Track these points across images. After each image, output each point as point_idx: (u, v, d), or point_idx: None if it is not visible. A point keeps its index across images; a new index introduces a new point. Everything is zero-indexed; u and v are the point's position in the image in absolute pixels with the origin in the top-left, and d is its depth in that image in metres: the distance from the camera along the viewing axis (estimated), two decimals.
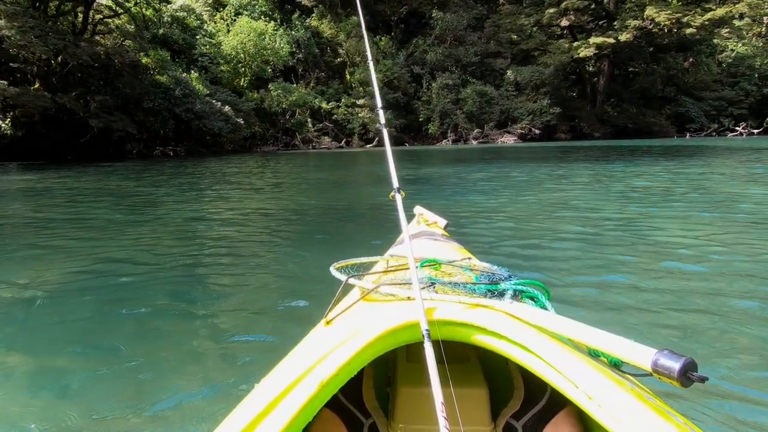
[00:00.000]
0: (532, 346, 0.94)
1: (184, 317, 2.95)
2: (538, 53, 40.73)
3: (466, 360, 1.35)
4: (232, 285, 3.55)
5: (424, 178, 11.86)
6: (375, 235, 5.11)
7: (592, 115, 40.20)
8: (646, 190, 8.32)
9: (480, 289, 1.17)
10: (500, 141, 36.42)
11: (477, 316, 1.04)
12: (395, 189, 1.54)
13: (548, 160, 16.96)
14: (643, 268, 3.70)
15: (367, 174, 13.98)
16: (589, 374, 0.86)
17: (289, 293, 3.31)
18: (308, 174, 14.00)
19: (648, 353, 0.81)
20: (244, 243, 4.99)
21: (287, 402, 0.86)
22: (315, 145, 34.93)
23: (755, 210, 6.09)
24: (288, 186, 10.69)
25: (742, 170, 11.55)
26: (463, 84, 38.18)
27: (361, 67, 37.33)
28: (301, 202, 8.25)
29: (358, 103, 36.20)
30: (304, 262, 4.13)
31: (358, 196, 9.03)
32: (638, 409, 0.79)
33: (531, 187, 9.38)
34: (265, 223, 6.17)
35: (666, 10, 33.79)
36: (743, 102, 40.71)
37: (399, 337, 1.02)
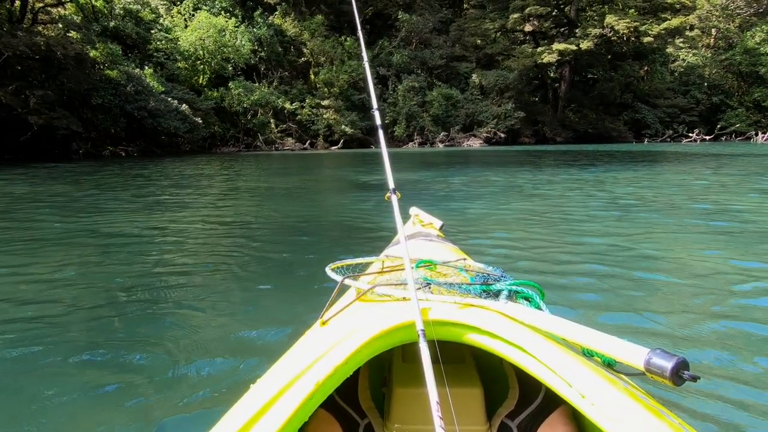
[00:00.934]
0: (527, 346, 0.94)
1: (172, 324, 2.77)
2: (502, 58, 41.16)
3: (461, 360, 1.35)
4: (203, 291, 2.88)
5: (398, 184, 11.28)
6: (353, 246, 4.50)
7: (555, 120, 40.97)
8: (628, 195, 8.08)
9: (475, 290, 1.17)
10: (466, 144, 36.47)
11: (472, 316, 1.04)
12: (391, 190, 1.52)
13: (522, 165, 16.78)
14: (636, 268, 3.69)
15: (337, 179, 13.27)
16: (583, 374, 0.86)
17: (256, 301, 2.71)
18: (273, 178, 13.20)
19: (641, 353, 0.81)
20: (204, 252, 4.27)
21: (282, 402, 0.86)
22: (278, 146, 33.86)
23: (738, 215, 5.88)
24: (252, 190, 9.89)
25: (714, 175, 11.63)
26: (429, 87, 38.05)
27: (326, 67, 36.57)
28: (266, 209, 7.52)
29: (323, 103, 35.38)
30: (268, 279, 3.47)
31: (330, 204, 8.36)
32: (631, 407, 0.79)
33: (511, 192, 8.99)
34: (224, 231, 5.43)
35: (625, 19, 34.81)
36: (694, 110, 42.53)
37: (394, 338, 1.02)
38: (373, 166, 17.12)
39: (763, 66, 40.26)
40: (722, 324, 2.57)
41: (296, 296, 3.18)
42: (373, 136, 37.58)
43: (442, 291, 1.20)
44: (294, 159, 23.13)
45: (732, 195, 8.04)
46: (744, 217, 5.95)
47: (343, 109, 35.43)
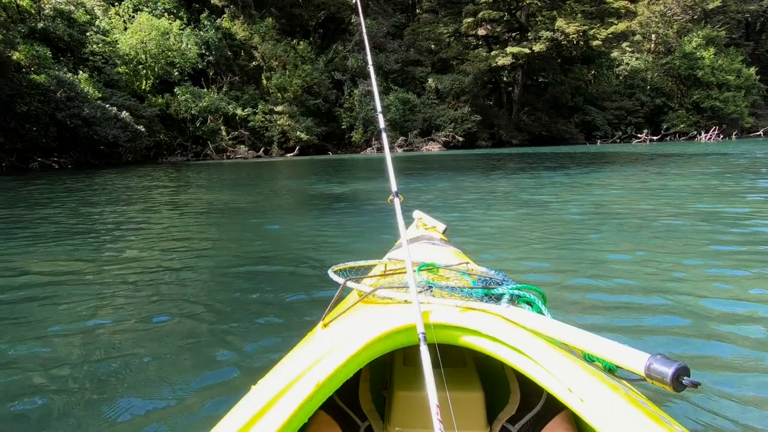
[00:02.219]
0: (528, 351, 0.94)
1: (172, 326, 2.77)
2: (456, 62, 41.31)
3: (462, 364, 1.34)
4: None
5: (361, 194, 10.49)
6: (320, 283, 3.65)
7: (510, 123, 41.46)
8: (607, 199, 7.64)
9: (477, 293, 1.17)
10: (425, 149, 36.16)
11: (473, 320, 1.04)
12: (394, 193, 1.53)
13: (491, 170, 16.35)
14: (639, 271, 3.64)
15: (299, 191, 12.26)
16: (584, 379, 0.86)
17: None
18: (227, 191, 12.06)
19: (641, 358, 0.81)
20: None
21: (283, 403, 0.86)
22: (230, 154, 32.28)
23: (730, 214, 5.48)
24: (201, 206, 8.78)
25: (694, 177, 11.51)
26: (385, 91, 37.52)
27: (279, 71, 35.32)
28: (215, 230, 6.50)
29: (276, 109, 34.08)
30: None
31: (296, 222, 7.40)
32: (632, 413, 0.79)
33: (489, 198, 8.37)
34: (168, 262, 4.42)
35: (575, 23, 35.68)
36: (639, 111, 44.24)
37: (395, 340, 1.03)
38: (337, 174, 16.22)
39: (700, 69, 42.42)
40: (727, 330, 2.51)
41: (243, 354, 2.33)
42: (330, 141, 36.64)
43: (444, 294, 1.19)
44: (248, 168, 21.85)
45: (724, 198, 7.75)
46: (743, 223, 5.54)
47: (297, 115, 34.29)
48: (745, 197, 7.29)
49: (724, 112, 41.97)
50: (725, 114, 41.99)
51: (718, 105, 41.97)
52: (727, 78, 42.11)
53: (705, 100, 42.53)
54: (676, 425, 0.84)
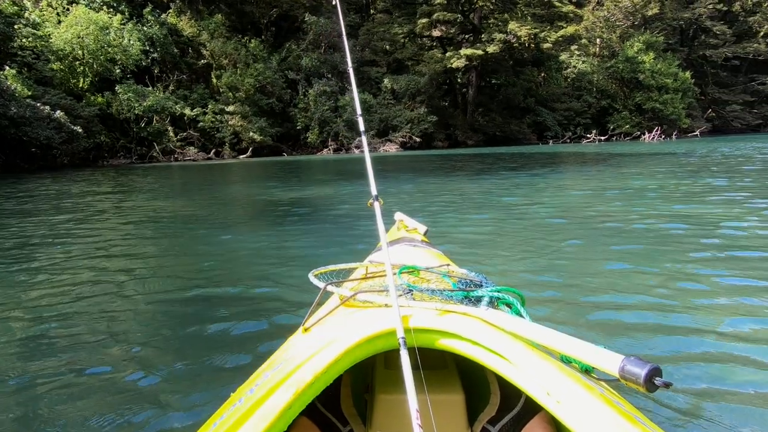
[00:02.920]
0: (507, 353, 0.95)
1: (152, 331, 2.78)
2: (411, 63, 41.30)
3: (443, 366, 1.34)
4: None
5: (322, 198, 9.95)
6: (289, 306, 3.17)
7: (466, 124, 41.93)
8: (577, 193, 7.52)
9: (457, 296, 1.17)
10: (382, 150, 35.87)
11: (453, 323, 1.04)
12: (374, 197, 1.52)
13: (449, 171, 16.17)
14: (614, 274, 3.71)
15: (251, 197, 11.56)
16: (561, 380, 0.88)
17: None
18: (175, 198, 11.20)
19: (615, 360, 0.84)
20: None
21: (263, 410, 0.85)
22: (178, 156, 30.70)
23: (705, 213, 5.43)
24: (146, 213, 7.97)
25: (661, 177, 11.70)
26: (341, 91, 36.93)
27: (229, 70, 33.99)
28: (161, 246, 5.82)
29: (227, 109, 32.76)
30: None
31: (246, 230, 6.79)
32: (607, 414, 0.81)
33: (455, 202, 8.06)
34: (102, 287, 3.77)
35: (526, 26, 36.48)
36: (587, 112, 45.89)
37: (375, 345, 1.03)
38: (294, 177, 15.54)
39: (641, 73, 44.54)
40: (696, 334, 2.60)
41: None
42: (285, 142, 35.65)
43: (425, 297, 1.19)
44: (198, 170, 20.73)
45: (688, 197, 7.79)
46: (710, 222, 5.48)
47: (250, 115, 33.10)
48: (707, 197, 7.38)
49: (664, 114, 44.26)
50: (665, 115, 44.28)
51: (659, 107, 44.21)
52: (666, 81, 44.42)
53: (646, 102, 44.68)
54: (650, 424, 0.86)
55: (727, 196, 7.38)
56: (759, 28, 55.24)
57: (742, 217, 5.69)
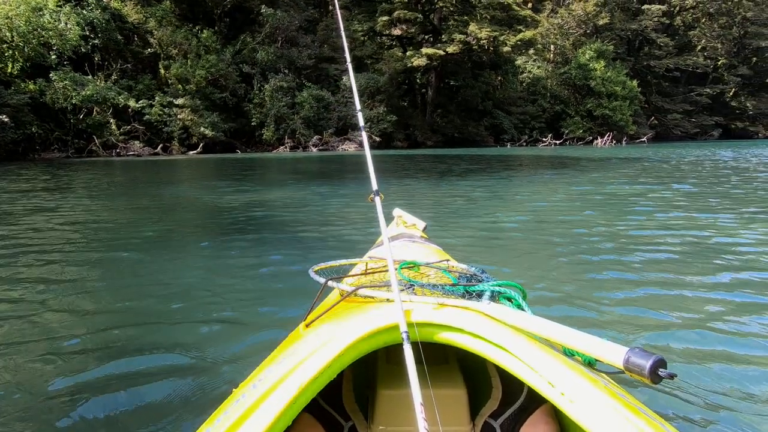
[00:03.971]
0: (509, 346, 0.95)
1: (155, 324, 2.75)
2: (371, 61, 40.72)
3: (444, 361, 1.35)
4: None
5: (281, 203, 9.13)
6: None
7: (425, 125, 41.82)
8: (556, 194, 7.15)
9: (458, 291, 1.18)
10: (341, 148, 35.05)
11: (455, 317, 1.04)
12: (374, 192, 1.53)
13: (414, 171, 15.65)
14: (616, 267, 3.78)
15: (201, 199, 10.55)
16: (564, 373, 0.88)
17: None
18: (107, 198, 10.03)
19: (620, 351, 0.84)
20: None
21: (266, 406, 0.85)
22: (121, 151, 28.63)
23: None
24: (76, 217, 6.90)
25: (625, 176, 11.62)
26: (298, 87, 35.79)
27: (179, 61, 32.11)
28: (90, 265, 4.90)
29: (176, 102, 30.90)
30: None
31: (195, 245, 5.92)
32: (611, 405, 0.81)
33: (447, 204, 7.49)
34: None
35: (486, 28, 36.75)
36: (541, 117, 47.01)
37: (378, 340, 1.03)
38: (249, 177, 14.52)
39: (592, 80, 46.10)
40: (701, 325, 2.61)
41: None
42: (239, 139, 34.12)
43: (426, 292, 1.19)
44: (143, 167, 19.21)
45: (665, 200, 7.58)
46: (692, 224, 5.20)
47: (201, 109, 31.38)
48: (678, 201, 7.21)
49: (613, 120, 46.01)
50: (614, 122, 46.03)
51: (608, 113, 45.90)
52: (615, 89, 46.19)
53: (597, 109, 46.28)
54: (653, 416, 0.86)
55: (708, 198, 7.26)
56: (697, 42, 58.77)
57: (740, 218, 5.49)
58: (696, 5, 56.75)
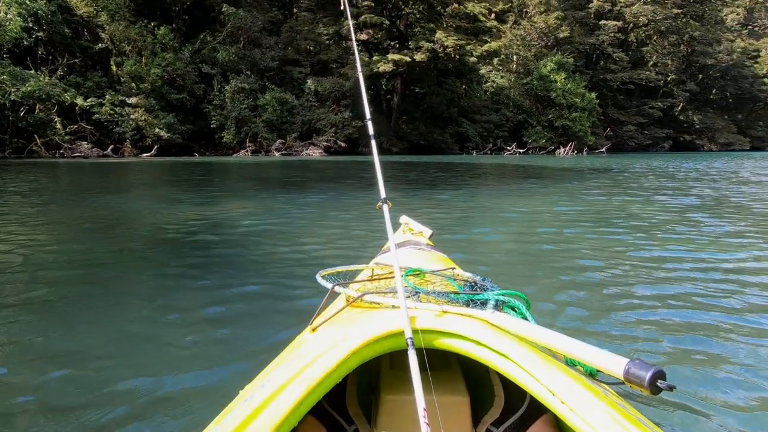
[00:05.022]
0: (512, 355, 0.96)
1: (162, 323, 2.72)
2: (336, 65, 40.02)
3: (448, 368, 1.36)
4: None
5: (231, 219, 8.30)
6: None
7: (391, 131, 41.47)
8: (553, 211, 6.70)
9: (463, 299, 1.19)
10: (305, 153, 34.08)
11: (459, 325, 1.06)
12: (382, 200, 1.54)
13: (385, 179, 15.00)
14: (620, 278, 3.76)
15: (150, 211, 9.54)
16: (565, 382, 0.89)
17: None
18: (43, 208, 8.91)
19: (620, 362, 0.85)
20: None
21: (271, 408, 0.86)
22: (66, 152, 26.63)
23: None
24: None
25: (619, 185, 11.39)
26: (261, 90, 34.62)
27: (132, 58, 30.36)
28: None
29: (129, 101, 29.14)
30: None
31: (132, 276, 5.06)
32: (610, 416, 0.82)
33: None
34: None
35: (453, 37, 36.85)
36: (505, 126, 47.63)
37: (383, 345, 1.04)
38: (207, 184, 13.50)
39: (553, 91, 47.16)
40: (701, 337, 2.63)
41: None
42: (197, 141, 32.58)
43: (431, 299, 1.20)
44: (89, 170, 17.73)
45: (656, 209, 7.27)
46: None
47: (156, 109, 29.73)
48: (665, 210, 6.95)
49: (573, 131, 47.17)
50: (573, 132, 47.21)
51: (568, 124, 47.03)
52: (575, 100, 47.43)
53: (557, 119, 47.34)
54: (653, 427, 0.88)
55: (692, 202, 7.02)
56: (649, 58, 61.51)
57: (734, 228, 5.20)
58: (648, 23, 59.38)
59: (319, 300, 1.34)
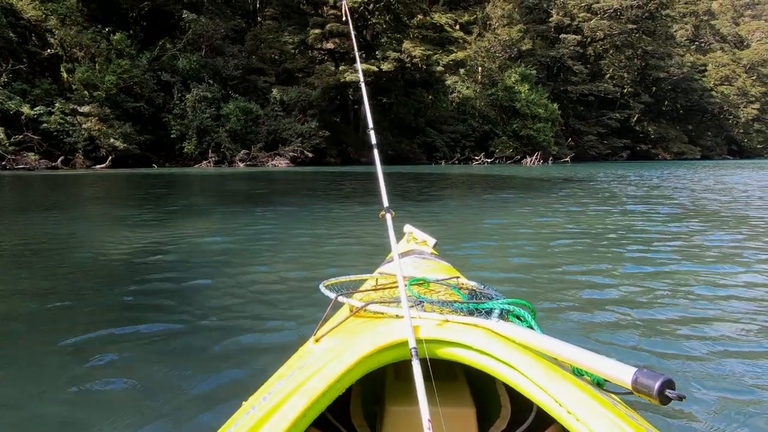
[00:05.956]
0: (518, 365, 0.95)
1: (163, 336, 2.63)
2: (302, 75, 39.36)
3: (453, 378, 1.35)
4: None
5: (189, 245, 7.55)
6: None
7: (358, 141, 40.99)
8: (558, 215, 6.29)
9: (467, 308, 1.18)
10: (271, 164, 33.10)
11: (464, 335, 1.05)
12: (385, 209, 1.54)
13: (351, 191, 14.46)
14: (624, 287, 3.68)
15: (80, 239, 8.63)
16: (573, 393, 0.88)
17: None
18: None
19: (628, 372, 0.84)
20: None
21: (277, 418, 0.85)
22: (8, 164, 24.79)
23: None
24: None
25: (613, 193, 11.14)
26: (224, 99, 33.51)
27: (85, 64, 28.77)
28: None
29: (81, 110, 27.52)
30: None
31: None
32: (618, 426, 0.81)
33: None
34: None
35: (420, 47, 36.89)
36: (471, 136, 48.03)
37: (387, 355, 1.03)
38: (166, 200, 12.55)
39: (518, 102, 48.01)
40: (712, 347, 2.55)
41: None
42: (157, 152, 31.12)
43: (435, 309, 1.18)
44: (34, 184, 16.36)
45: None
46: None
47: (112, 119, 28.20)
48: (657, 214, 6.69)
49: (537, 140, 48.09)
50: (538, 142, 48.12)
51: (533, 134, 47.92)
52: (538, 111, 48.44)
53: (522, 129, 48.17)
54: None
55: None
56: (607, 71, 63.82)
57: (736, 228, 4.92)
58: (605, 37, 61.67)
59: (321, 312, 1.32)
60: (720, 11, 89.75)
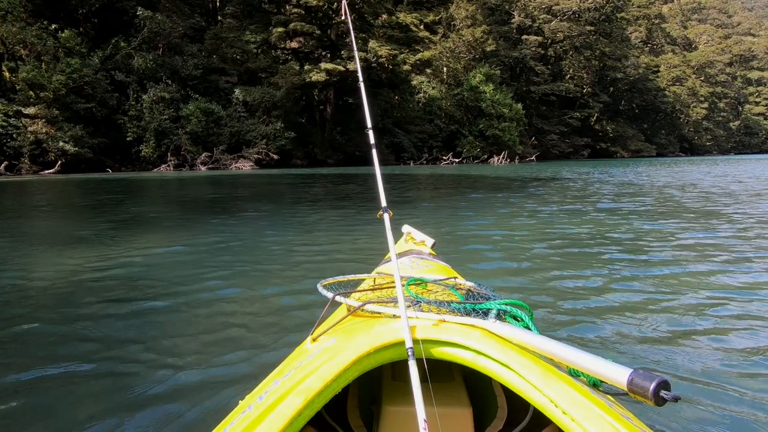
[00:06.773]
0: (514, 365, 0.96)
1: (160, 334, 2.60)
2: (266, 75, 38.31)
3: (450, 379, 1.35)
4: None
5: (143, 269, 6.86)
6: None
7: (325, 142, 40.33)
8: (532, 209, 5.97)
9: (465, 308, 1.18)
10: (235, 167, 31.99)
11: (461, 335, 1.05)
12: (383, 208, 1.53)
13: (321, 195, 13.89)
14: (613, 285, 3.67)
15: (42, 262, 7.76)
16: (568, 393, 0.88)
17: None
18: None
19: (624, 373, 0.84)
20: None
21: (273, 417, 0.85)
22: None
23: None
24: None
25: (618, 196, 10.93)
26: (183, 99, 32.16)
27: (30, 63, 26.94)
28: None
29: (26, 112, 25.74)
30: None
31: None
32: (613, 427, 0.81)
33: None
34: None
35: (386, 46, 36.54)
36: (438, 136, 48.12)
37: (384, 355, 1.03)
38: (117, 210, 11.63)
39: (483, 102, 48.42)
40: (706, 344, 2.55)
41: None
42: (111, 156, 29.51)
43: (432, 309, 1.19)
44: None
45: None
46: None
47: (61, 121, 26.51)
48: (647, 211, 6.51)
49: (503, 140, 48.63)
50: (504, 141, 48.67)
51: (498, 133, 48.42)
52: (503, 111, 48.99)
53: (488, 129, 48.60)
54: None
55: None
56: (567, 71, 65.44)
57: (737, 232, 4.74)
58: (565, 39, 63.22)
59: (319, 312, 1.31)
60: (670, 15, 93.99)
